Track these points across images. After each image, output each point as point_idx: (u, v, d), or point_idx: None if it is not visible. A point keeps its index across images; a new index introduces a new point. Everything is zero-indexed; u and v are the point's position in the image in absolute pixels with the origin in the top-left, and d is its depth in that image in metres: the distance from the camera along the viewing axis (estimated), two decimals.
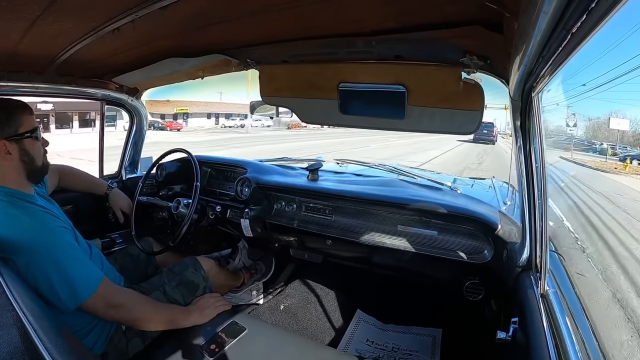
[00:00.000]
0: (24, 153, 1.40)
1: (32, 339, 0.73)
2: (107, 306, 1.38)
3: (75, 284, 1.30)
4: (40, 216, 1.37)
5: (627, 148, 27.64)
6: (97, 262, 1.59)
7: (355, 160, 2.88)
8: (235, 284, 2.28)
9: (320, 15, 1.30)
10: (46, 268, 1.26)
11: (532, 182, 1.24)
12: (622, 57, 57.67)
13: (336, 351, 1.87)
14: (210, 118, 48.05)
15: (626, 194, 12.37)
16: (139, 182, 2.39)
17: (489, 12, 0.99)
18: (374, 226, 2.01)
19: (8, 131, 1.36)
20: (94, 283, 1.36)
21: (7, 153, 1.36)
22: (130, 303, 1.45)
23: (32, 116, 1.45)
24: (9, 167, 1.37)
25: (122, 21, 1.27)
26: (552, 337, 0.99)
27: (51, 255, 1.28)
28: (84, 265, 1.37)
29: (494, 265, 1.74)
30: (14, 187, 1.37)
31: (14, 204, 1.32)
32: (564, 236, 6.33)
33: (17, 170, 1.40)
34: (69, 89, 2.17)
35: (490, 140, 31.03)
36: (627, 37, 62.56)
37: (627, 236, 6.94)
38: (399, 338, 2.22)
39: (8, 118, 1.37)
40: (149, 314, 1.49)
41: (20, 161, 1.40)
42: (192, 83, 2.37)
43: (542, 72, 0.87)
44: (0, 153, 1.35)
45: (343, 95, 1.75)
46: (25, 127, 1.41)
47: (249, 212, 2.21)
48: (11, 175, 1.38)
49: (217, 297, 1.77)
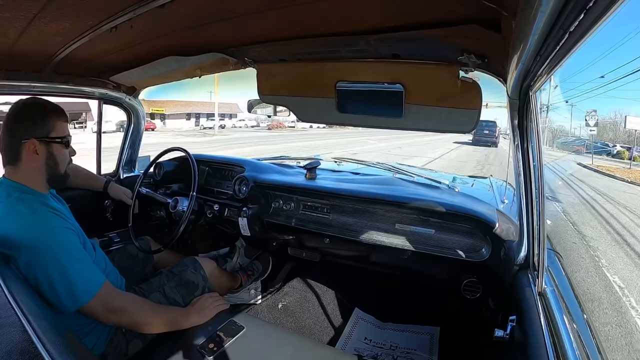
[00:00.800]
0: (50, 157, 1.42)
1: (32, 338, 0.73)
2: (107, 310, 1.37)
3: (75, 286, 1.29)
4: (48, 216, 1.36)
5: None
6: (101, 263, 1.59)
7: (353, 159, 2.88)
8: (233, 285, 2.28)
9: (318, 13, 1.30)
10: (47, 267, 1.25)
11: (529, 180, 1.25)
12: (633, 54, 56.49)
13: (334, 350, 1.87)
14: (190, 119, 45.85)
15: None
16: (137, 180, 2.39)
17: (487, 10, 0.99)
18: (372, 225, 2.02)
19: (40, 132, 1.38)
20: (94, 286, 1.35)
21: (35, 153, 1.37)
22: (130, 307, 1.45)
23: (66, 123, 1.47)
24: (32, 166, 1.39)
25: (119, 20, 1.27)
26: (550, 335, 0.99)
27: (53, 254, 1.28)
28: (86, 268, 1.37)
29: (491, 263, 1.75)
30: (30, 186, 1.38)
31: (25, 202, 1.33)
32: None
33: (40, 171, 1.41)
34: (66, 87, 2.17)
35: (493, 142, 27.17)
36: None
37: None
38: (397, 336, 2.22)
39: (43, 119, 1.39)
40: (149, 318, 1.49)
41: (45, 164, 1.41)
42: (187, 82, 2.37)
43: (539, 71, 0.87)
44: (28, 151, 1.36)
45: (341, 94, 1.75)
46: (58, 132, 1.42)
47: (247, 210, 2.21)
48: (32, 175, 1.40)
49: (216, 296, 1.77)
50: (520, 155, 1.27)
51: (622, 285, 4.66)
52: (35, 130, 1.37)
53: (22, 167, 1.38)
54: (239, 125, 45.48)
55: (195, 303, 1.68)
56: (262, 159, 2.84)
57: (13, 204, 1.31)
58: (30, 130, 1.37)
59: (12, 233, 1.25)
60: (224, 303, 1.75)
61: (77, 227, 1.48)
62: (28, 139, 1.36)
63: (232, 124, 45.33)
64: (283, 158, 3.00)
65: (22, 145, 1.36)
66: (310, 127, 47.55)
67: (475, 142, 27.13)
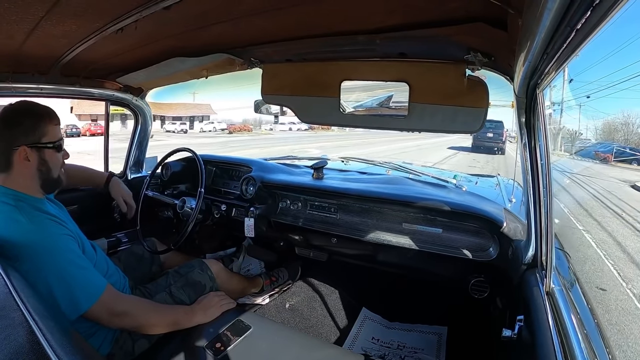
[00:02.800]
0: (42, 162, 1.39)
1: (38, 338, 0.73)
2: (110, 314, 1.37)
3: (76, 293, 1.29)
4: (45, 224, 1.35)
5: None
6: (103, 264, 1.59)
7: (360, 158, 2.88)
8: (253, 289, 2.28)
9: (324, 13, 1.30)
10: (47, 276, 1.25)
11: (537, 178, 1.24)
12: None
13: (342, 349, 1.87)
14: (155, 120, 41.42)
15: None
16: (145, 180, 2.41)
17: (493, 9, 0.99)
18: (379, 224, 2.01)
19: (31, 138, 1.35)
20: (96, 291, 1.35)
21: (26, 159, 1.35)
22: (134, 310, 1.45)
23: (57, 126, 1.44)
24: (24, 173, 1.36)
25: (125, 21, 1.27)
26: (558, 335, 0.99)
27: (53, 263, 1.27)
28: (86, 274, 1.36)
29: (499, 263, 1.74)
30: (24, 192, 1.36)
31: (21, 210, 1.31)
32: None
33: (33, 177, 1.38)
34: (73, 89, 2.18)
35: (500, 147, 20.18)
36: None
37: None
38: (404, 336, 2.22)
39: (34, 125, 1.36)
40: (154, 319, 1.49)
41: (37, 170, 1.38)
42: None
43: (546, 68, 0.86)
44: (19, 158, 1.34)
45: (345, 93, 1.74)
46: (49, 137, 1.40)
47: (254, 210, 2.21)
48: (25, 182, 1.37)
49: (222, 295, 1.76)
50: (528, 153, 1.26)
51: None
52: (26, 137, 1.35)
53: (14, 174, 1.35)
54: (208, 128, 41.72)
55: (202, 302, 1.68)
56: (269, 159, 2.84)
57: (10, 212, 1.29)
58: (20, 137, 1.34)
59: (10, 242, 1.23)
60: (230, 301, 1.75)
61: (75, 232, 1.46)
62: (19, 146, 1.33)
63: (200, 128, 41.44)
64: (290, 158, 3.00)
65: (12, 152, 1.33)
66: (289, 129, 44.47)
67: (476, 148, 21.39)
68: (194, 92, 42.11)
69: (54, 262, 1.27)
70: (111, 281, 1.55)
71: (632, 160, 19.61)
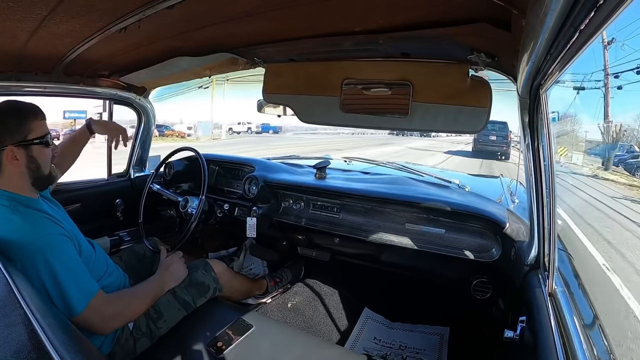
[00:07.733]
0: (31, 160, 1.37)
1: (40, 337, 0.73)
2: (102, 319, 1.37)
3: (68, 295, 1.28)
4: (41, 223, 1.34)
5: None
6: (101, 263, 1.58)
7: (362, 158, 2.88)
8: (258, 291, 2.29)
9: (327, 13, 1.30)
10: (41, 276, 1.25)
11: (540, 179, 1.23)
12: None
13: (343, 349, 1.87)
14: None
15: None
16: (148, 179, 2.41)
17: (497, 9, 0.99)
18: (381, 224, 2.01)
19: (17, 137, 1.33)
20: (87, 296, 1.33)
21: (14, 159, 1.33)
22: (123, 308, 1.46)
23: (43, 121, 1.41)
24: (14, 172, 1.34)
25: (129, 21, 1.28)
26: (560, 337, 0.98)
27: (47, 264, 1.26)
28: (79, 277, 1.35)
29: (501, 263, 1.73)
30: (17, 192, 1.35)
31: (15, 210, 1.30)
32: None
33: (23, 176, 1.37)
34: (76, 88, 2.18)
35: (504, 152, 18.11)
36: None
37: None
38: (406, 336, 2.21)
39: (18, 123, 1.33)
40: (138, 307, 1.53)
41: (27, 168, 1.36)
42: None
43: (550, 69, 0.86)
44: (7, 158, 1.32)
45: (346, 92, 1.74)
46: (35, 133, 1.37)
47: (257, 210, 2.22)
48: (16, 181, 1.35)
49: (173, 253, 1.84)
50: (531, 154, 1.25)
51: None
52: (12, 137, 1.32)
53: (5, 175, 1.33)
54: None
55: (167, 268, 1.73)
56: (272, 159, 2.84)
57: (4, 212, 1.28)
58: (6, 136, 1.31)
59: (7, 241, 1.23)
60: (177, 253, 1.84)
61: (71, 231, 1.44)
62: (5, 146, 1.31)
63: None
64: (293, 157, 3.00)
65: (0, 153, 1.31)
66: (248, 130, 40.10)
67: (476, 153, 19.16)
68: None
69: (46, 263, 1.26)
70: (110, 280, 1.56)
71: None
